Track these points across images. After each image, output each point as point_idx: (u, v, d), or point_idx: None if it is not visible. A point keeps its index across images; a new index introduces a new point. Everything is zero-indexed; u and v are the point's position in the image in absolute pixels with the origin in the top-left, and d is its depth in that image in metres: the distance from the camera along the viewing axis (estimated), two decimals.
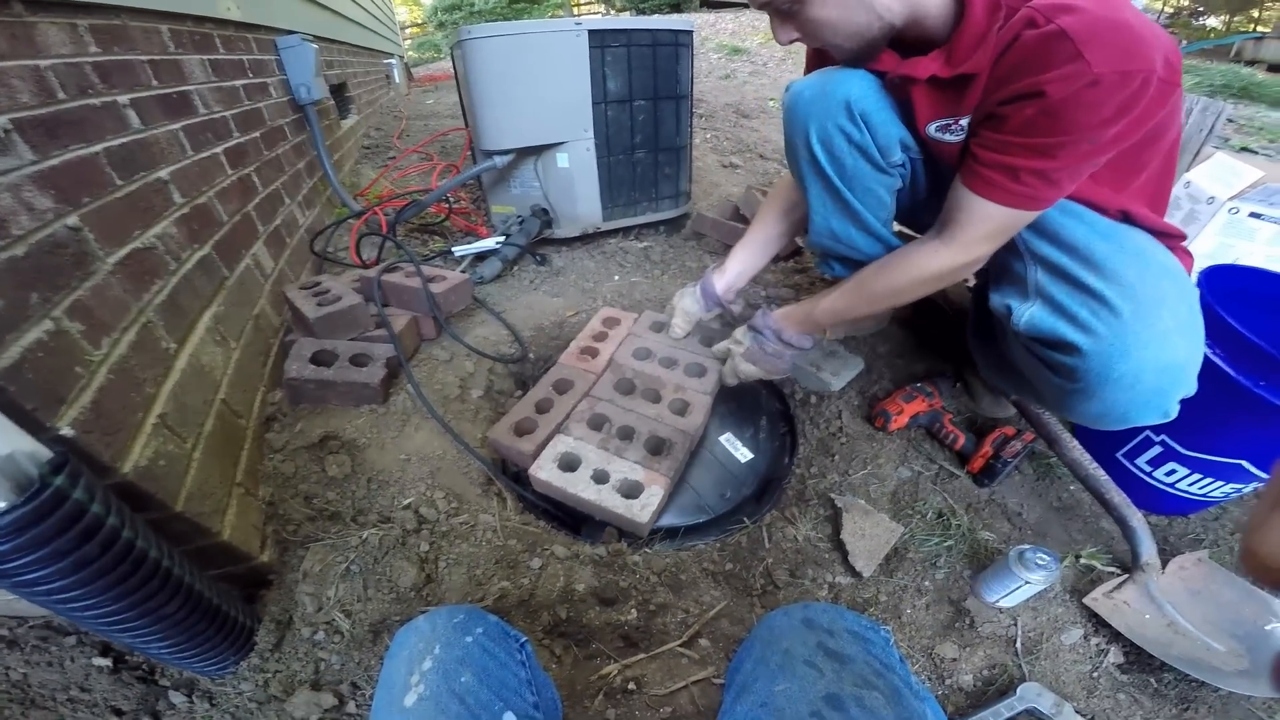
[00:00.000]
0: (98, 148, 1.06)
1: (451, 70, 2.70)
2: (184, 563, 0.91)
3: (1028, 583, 1.17)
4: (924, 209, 1.48)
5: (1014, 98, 0.97)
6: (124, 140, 1.16)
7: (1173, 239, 1.17)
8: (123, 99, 1.19)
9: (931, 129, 1.19)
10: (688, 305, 1.76)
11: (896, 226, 1.51)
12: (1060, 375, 1.14)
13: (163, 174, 1.27)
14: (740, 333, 1.61)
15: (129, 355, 0.98)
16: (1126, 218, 1.13)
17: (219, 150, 1.59)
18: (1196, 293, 1.11)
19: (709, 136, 4.10)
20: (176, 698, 1.01)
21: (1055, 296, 1.12)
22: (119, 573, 0.79)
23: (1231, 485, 1.39)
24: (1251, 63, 8.74)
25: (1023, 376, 1.33)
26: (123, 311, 1.01)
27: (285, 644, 1.08)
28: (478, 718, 0.70)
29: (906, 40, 1.15)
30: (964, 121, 1.13)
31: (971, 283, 1.78)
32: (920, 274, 1.26)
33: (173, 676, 1.04)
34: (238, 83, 1.85)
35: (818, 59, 1.48)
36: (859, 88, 1.27)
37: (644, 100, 2.26)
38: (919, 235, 1.37)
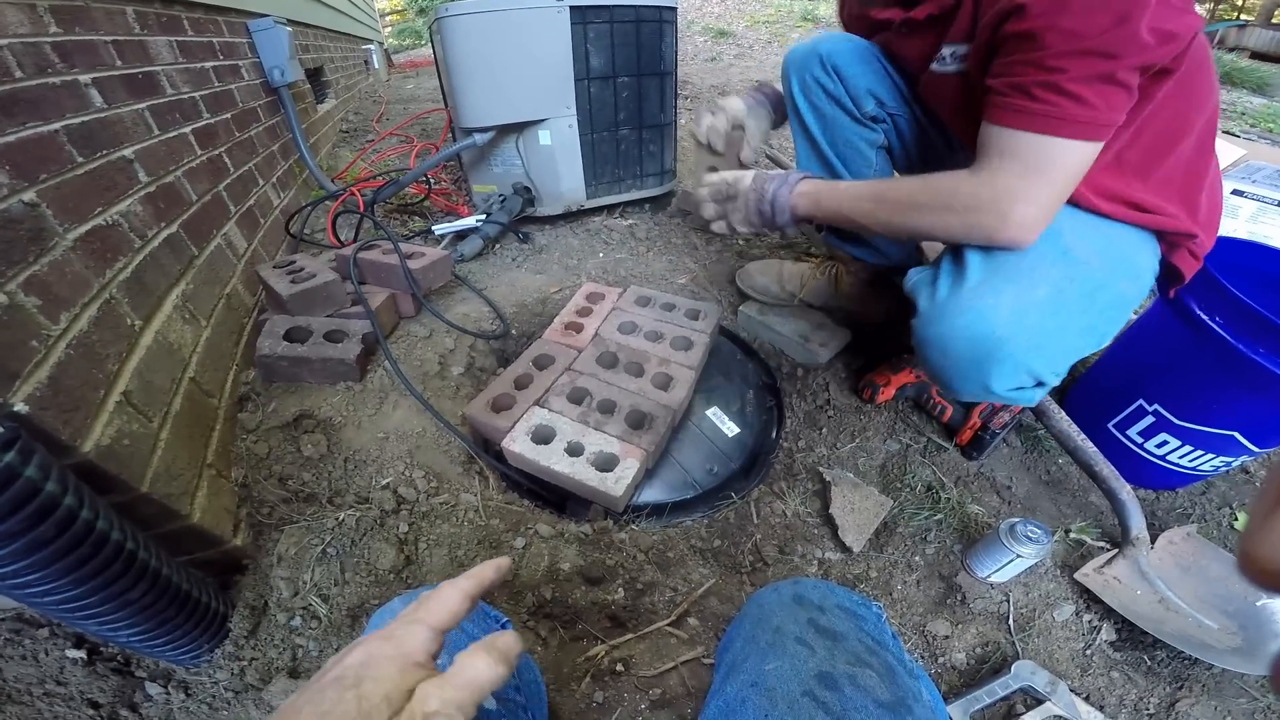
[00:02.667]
0: (56, 125, 1.04)
1: (432, 56, 2.66)
2: (150, 546, 0.87)
3: (1019, 556, 1.17)
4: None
5: (999, 19, 0.95)
6: (85, 119, 1.13)
7: (1179, 236, 1.13)
8: (84, 78, 1.17)
9: (934, 67, 1.19)
10: (761, 125, 1.65)
11: None
12: (911, 333, 1.16)
13: (127, 152, 1.24)
14: (747, 178, 1.34)
15: (90, 331, 0.94)
16: (1131, 203, 1.08)
17: (187, 130, 1.56)
18: (1109, 289, 1.07)
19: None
20: (153, 689, 0.98)
21: (942, 263, 1.12)
22: (77, 555, 0.75)
23: (1221, 459, 1.39)
24: (1234, 49, 8.80)
25: None
26: (83, 287, 0.97)
27: (261, 631, 1.04)
28: None
29: None
30: (951, 50, 1.13)
31: None
32: (959, 190, 1.06)
33: (149, 667, 1.01)
34: (207, 64, 1.82)
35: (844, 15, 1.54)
36: (834, 44, 1.37)
37: (628, 77, 2.22)
38: None
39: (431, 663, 0.46)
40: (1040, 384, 1.10)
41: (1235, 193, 2.25)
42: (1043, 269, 1.03)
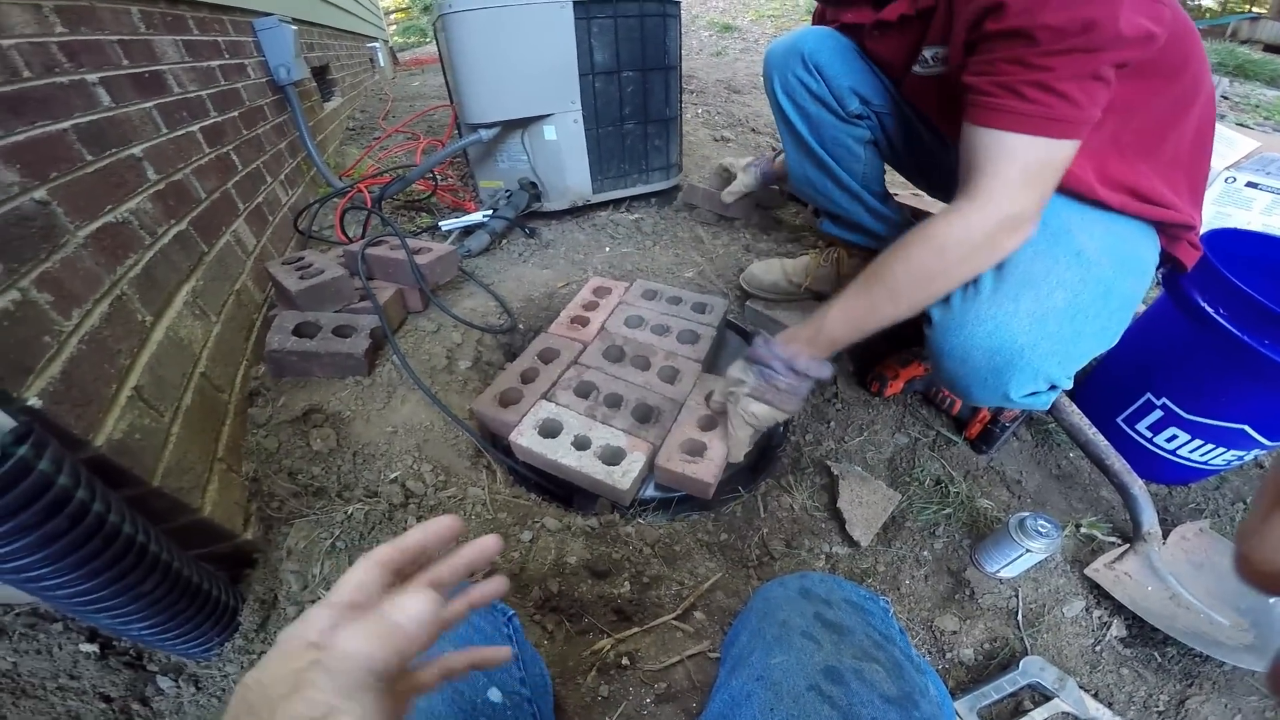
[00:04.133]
0: (66, 124, 1.05)
1: (436, 53, 2.66)
2: (161, 540, 0.88)
3: (1029, 551, 1.16)
4: (910, 169, 1.56)
5: (978, 16, 0.94)
6: (94, 117, 1.15)
7: (1178, 228, 1.13)
8: (91, 77, 1.18)
9: (917, 69, 1.18)
10: (748, 180, 2.01)
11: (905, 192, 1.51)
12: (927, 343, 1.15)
13: (136, 151, 1.26)
14: (738, 369, 1.26)
15: (101, 327, 0.95)
16: (1136, 193, 1.07)
17: (195, 128, 1.58)
18: (1120, 288, 1.06)
19: (700, 111, 4.05)
20: (165, 682, 0.99)
21: None
22: (90, 549, 0.76)
23: (1233, 452, 1.37)
24: (1246, 41, 8.72)
25: None
26: (95, 284, 0.98)
27: (270, 624, 1.05)
28: (461, 694, 0.68)
29: None
30: (932, 52, 1.12)
31: None
32: (947, 243, 1.01)
33: (160, 661, 1.01)
34: (213, 63, 1.82)
35: (820, 21, 1.53)
36: (815, 41, 1.36)
37: (632, 71, 2.21)
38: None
39: (323, 639, 0.41)
40: (1054, 388, 1.09)
41: (1250, 185, 2.23)
42: (1058, 273, 1.02)
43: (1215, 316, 1.23)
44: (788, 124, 1.48)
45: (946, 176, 1.29)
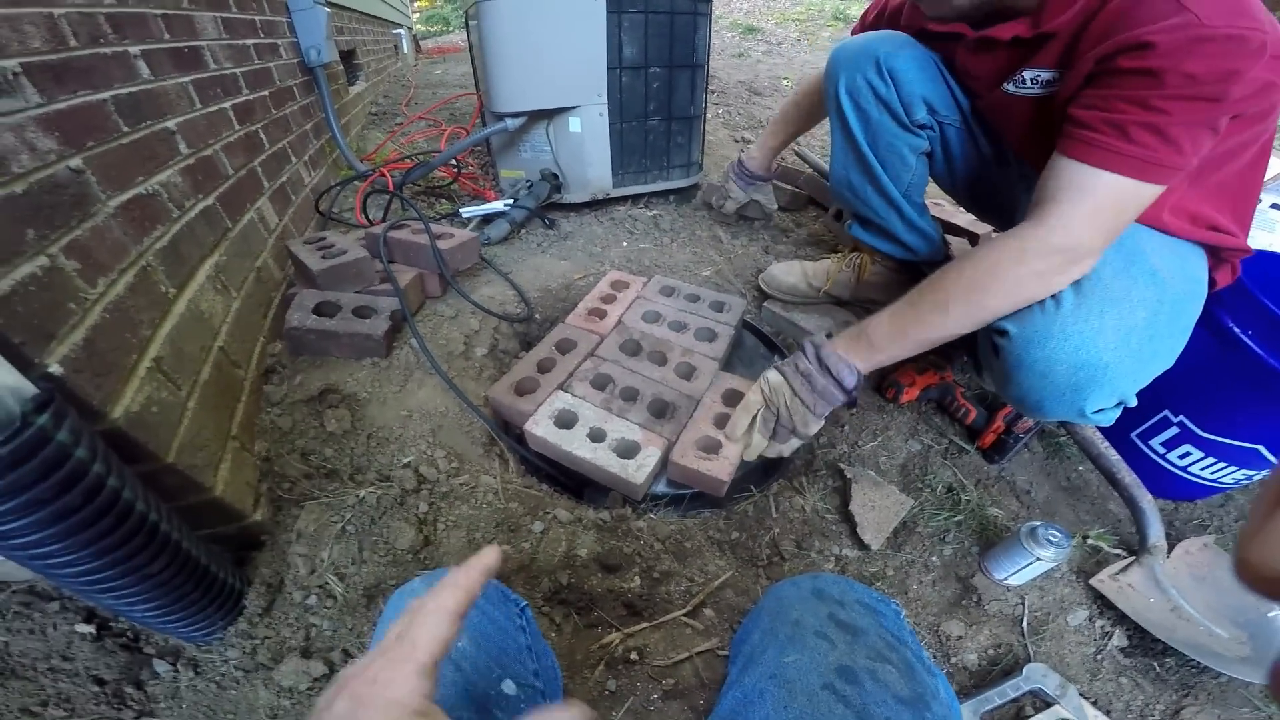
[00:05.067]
0: (106, 95, 1.06)
1: (460, 43, 2.68)
2: (172, 519, 0.88)
3: (1038, 559, 1.16)
4: (963, 190, 1.53)
5: (1117, 51, 0.91)
6: (133, 89, 1.15)
7: (1232, 252, 1.13)
8: (134, 49, 1.18)
9: (1009, 88, 1.17)
10: (731, 189, 2.12)
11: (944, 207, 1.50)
12: (995, 355, 1.13)
13: (170, 124, 1.26)
14: (774, 378, 1.24)
15: (125, 296, 0.95)
16: (1195, 218, 1.08)
17: (227, 105, 1.59)
18: (1187, 307, 1.07)
19: (721, 112, 4.06)
20: (161, 666, 0.98)
21: None
22: (102, 525, 0.74)
23: (1244, 472, 1.38)
24: None
25: None
26: (121, 253, 0.99)
27: (275, 608, 1.05)
28: (475, 685, 0.67)
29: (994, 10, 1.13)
30: (1034, 74, 1.11)
31: None
32: (1002, 262, 1.03)
33: (158, 644, 1.00)
34: (248, 41, 1.83)
35: (865, 23, 1.58)
36: (892, 46, 1.33)
37: (659, 68, 2.22)
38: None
39: (428, 704, 0.42)
40: (1118, 405, 1.08)
41: (1274, 207, 2.20)
42: (1138, 292, 1.01)
43: (1243, 338, 1.23)
44: (843, 124, 1.46)
45: (995, 196, 1.34)
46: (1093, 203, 0.95)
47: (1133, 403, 1.08)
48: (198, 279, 1.21)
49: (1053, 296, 1.02)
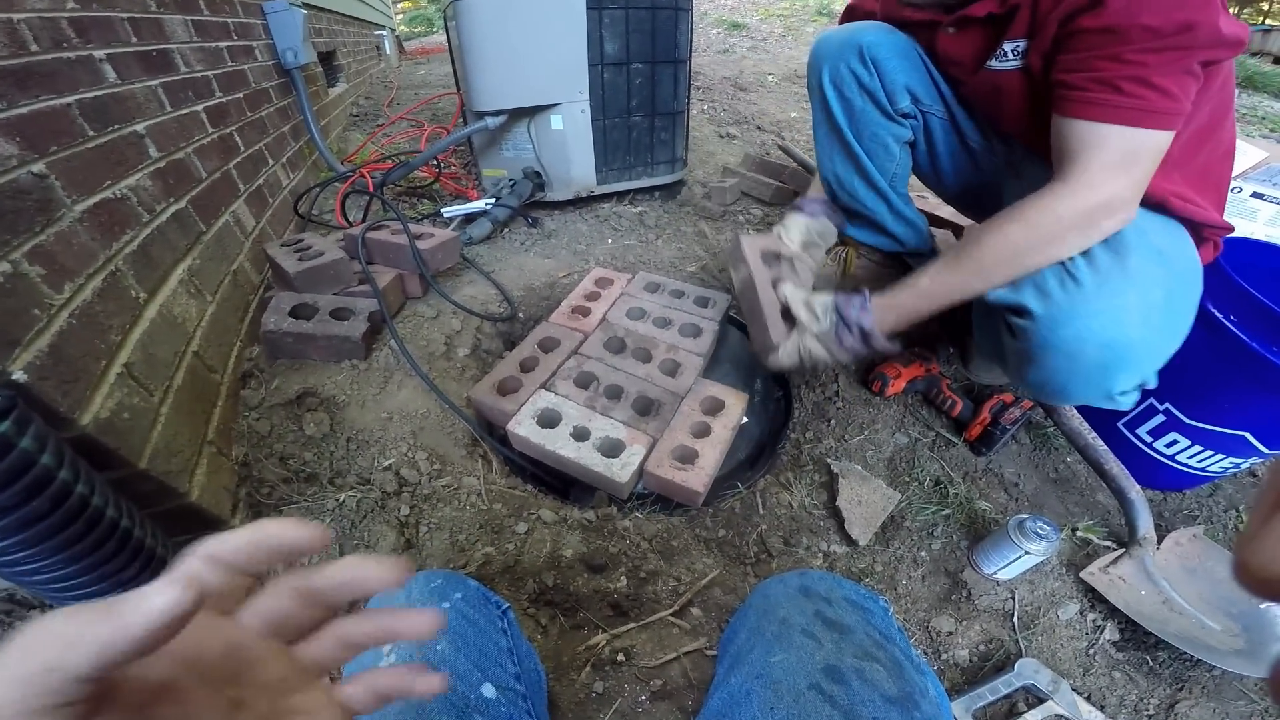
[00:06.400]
0: (70, 99, 1.05)
1: (442, 44, 2.66)
2: (146, 525, 0.86)
3: (1027, 553, 1.15)
4: (946, 181, 1.51)
5: (1074, 12, 0.95)
6: (98, 93, 1.14)
7: (1216, 230, 1.14)
8: (99, 53, 1.18)
9: (993, 64, 1.17)
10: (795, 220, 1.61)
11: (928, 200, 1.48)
12: (1015, 338, 1.13)
13: (139, 128, 1.25)
14: (819, 306, 1.29)
15: (94, 302, 0.94)
16: (1163, 206, 1.09)
17: (199, 108, 1.58)
18: (1193, 285, 1.08)
19: (706, 108, 4.05)
20: None
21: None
22: (71, 533, 0.73)
23: (1231, 460, 1.37)
24: (1258, 54, 8.81)
25: None
26: (89, 259, 0.97)
27: None
28: (454, 690, 0.66)
29: None
30: (1012, 45, 1.11)
31: None
32: (1041, 220, 1.04)
33: None
34: (221, 44, 1.82)
35: (849, 17, 1.54)
36: (875, 36, 1.33)
37: (641, 64, 2.21)
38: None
39: None
40: (1139, 386, 1.09)
41: (1255, 195, 2.21)
42: (1150, 270, 1.02)
43: (1224, 322, 1.23)
44: (827, 115, 1.44)
45: (977, 188, 1.34)
46: (1107, 155, 0.98)
47: (1153, 383, 1.08)
48: (170, 283, 1.20)
49: (1072, 276, 1.03)
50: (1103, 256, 1.02)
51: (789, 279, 1.39)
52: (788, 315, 1.33)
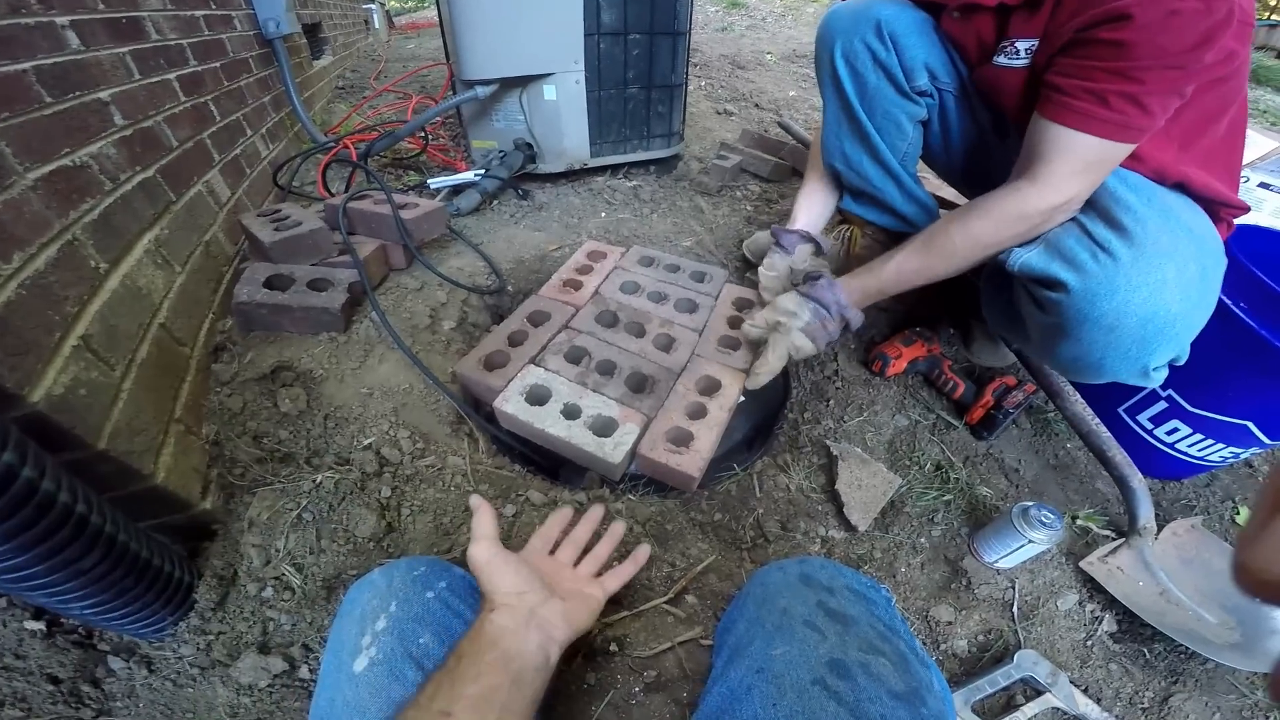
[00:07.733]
0: (26, 65, 1.00)
1: (432, 19, 2.61)
2: (106, 510, 0.81)
3: (1031, 542, 1.13)
4: (957, 163, 1.49)
5: (1095, 22, 0.95)
6: (58, 59, 1.09)
7: (1232, 209, 1.15)
8: (61, 20, 1.12)
9: (1001, 60, 1.17)
10: (774, 262, 1.58)
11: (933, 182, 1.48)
12: (1046, 312, 1.14)
13: (103, 95, 1.20)
14: (791, 301, 1.35)
15: (47, 271, 0.88)
16: (1183, 186, 1.11)
17: (171, 77, 1.51)
18: (1220, 262, 1.08)
19: (704, 84, 4.02)
20: (116, 663, 0.93)
21: (1061, 241, 1.11)
22: (19, 520, 0.68)
23: (1231, 449, 1.37)
24: (1263, 48, 8.95)
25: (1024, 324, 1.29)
26: (43, 227, 0.92)
27: (229, 602, 0.99)
28: None
29: None
30: (1022, 44, 1.12)
31: None
32: (1005, 217, 1.14)
33: (111, 640, 0.95)
34: (197, 12, 1.75)
35: None
36: (893, 11, 1.31)
37: (639, 34, 2.15)
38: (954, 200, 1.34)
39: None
40: (1170, 362, 1.11)
41: (1262, 185, 2.25)
42: (1182, 246, 1.03)
43: (1235, 309, 1.22)
44: (838, 91, 1.40)
45: (988, 170, 1.34)
46: (1075, 161, 1.05)
47: (1184, 359, 1.09)
48: (135, 253, 1.14)
49: (1104, 248, 1.04)
50: (1135, 229, 1.03)
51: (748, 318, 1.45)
52: (755, 348, 1.42)
